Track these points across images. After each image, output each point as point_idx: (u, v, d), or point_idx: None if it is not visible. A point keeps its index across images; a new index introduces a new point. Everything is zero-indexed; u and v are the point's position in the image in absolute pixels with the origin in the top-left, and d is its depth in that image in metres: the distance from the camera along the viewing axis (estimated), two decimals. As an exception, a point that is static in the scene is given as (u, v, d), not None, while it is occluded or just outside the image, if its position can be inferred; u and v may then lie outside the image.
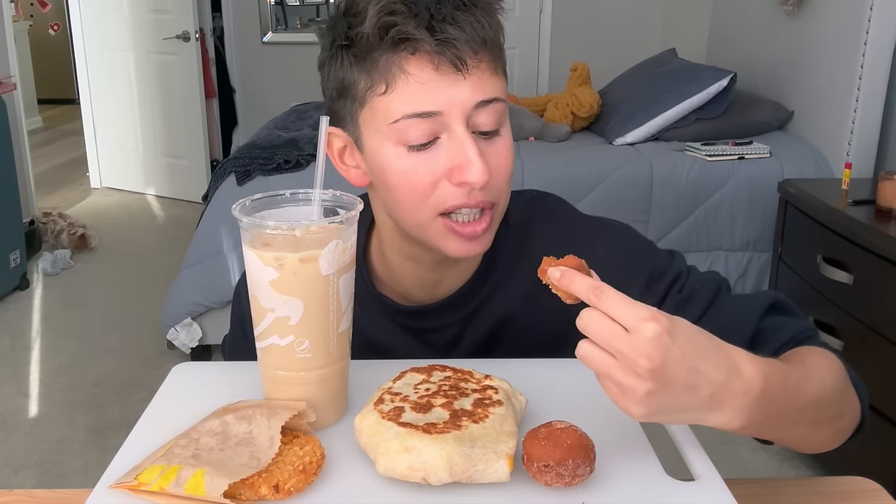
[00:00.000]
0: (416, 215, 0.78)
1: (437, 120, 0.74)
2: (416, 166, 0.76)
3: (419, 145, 0.75)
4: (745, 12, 3.52)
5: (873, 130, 2.62)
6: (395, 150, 0.76)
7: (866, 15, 2.52)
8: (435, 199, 0.76)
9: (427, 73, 0.73)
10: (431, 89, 0.73)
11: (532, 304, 0.87)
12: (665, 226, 2.79)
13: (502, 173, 0.78)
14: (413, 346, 0.89)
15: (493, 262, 0.88)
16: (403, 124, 0.74)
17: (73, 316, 3.35)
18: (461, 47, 0.73)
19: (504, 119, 0.78)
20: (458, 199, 0.76)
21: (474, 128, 0.76)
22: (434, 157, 0.75)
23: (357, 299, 0.79)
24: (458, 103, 0.74)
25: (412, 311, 0.89)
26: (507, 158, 0.78)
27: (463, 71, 0.73)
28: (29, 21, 7.48)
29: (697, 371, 0.57)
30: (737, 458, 2.27)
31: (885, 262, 1.88)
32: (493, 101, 0.76)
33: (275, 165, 2.75)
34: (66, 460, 2.33)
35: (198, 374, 0.81)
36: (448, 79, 0.73)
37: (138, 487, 0.59)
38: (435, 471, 0.57)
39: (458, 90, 0.74)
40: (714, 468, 0.63)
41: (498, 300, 0.88)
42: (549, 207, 0.93)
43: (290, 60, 5.21)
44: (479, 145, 0.76)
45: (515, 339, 0.88)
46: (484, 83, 0.75)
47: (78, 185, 5.47)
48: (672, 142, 2.98)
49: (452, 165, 0.75)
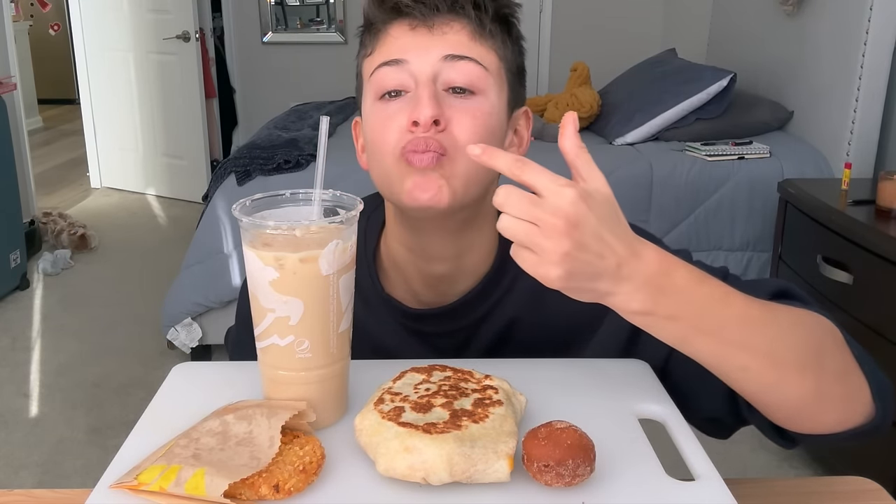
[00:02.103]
0: (384, 163, 0.79)
1: (404, 68, 0.78)
2: (385, 114, 0.79)
3: (388, 93, 0.79)
4: (745, 12, 3.52)
5: (873, 130, 2.62)
6: (374, 105, 0.81)
7: (866, 15, 2.52)
8: (396, 142, 0.78)
9: (401, 30, 0.80)
10: (403, 43, 0.79)
11: (538, 302, 0.87)
12: (665, 226, 2.79)
13: (466, 127, 0.77)
14: (420, 351, 0.88)
15: (504, 264, 0.87)
16: (377, 74, 0.80)
17: (73, 316, 3.35)
18: (429, 3, 0.78)
19: (482, 86, 0.79)
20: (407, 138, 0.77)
21: (445, 84, 0.78)
22: (400, 105, 0.78)
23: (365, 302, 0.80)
24: (424, 54, 0.78)
25: (420, 315, 0.88)
26: (475, 116, 0.78)
27: (430, 27, 0.79)
28: (29, 21, 7.49)
29: (606, 241, 0.60)
30: (737, 458, 2.27)
31: (884, 262, 1.88)
32: (464, 59, 0.78)
33: (275, 165, 2.75)
34: (66, 460, 2.33)
35: (198, 374, 0.81)
36: (419, 34, 0.79)
37: (138, 487, 0.59)
38: (435, 471, 0.57)
39: (426, 43, 0.79)
40: (714, 468, 0.63)
41: (507, 304, 0.87)
42: None
43: (290, 60, 5.21)
44: (447, 99, 0.78)
45: (522, 340, 0.88)
46: (458, 43, 0.79)
47: (78, 185, 5.47)
48: (672, 142, 2.99)
49: (411, 109, 0.77)
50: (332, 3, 5.17)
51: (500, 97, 0.81)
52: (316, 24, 5.24)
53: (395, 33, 0.80)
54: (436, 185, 0.77)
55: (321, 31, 5.23)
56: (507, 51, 0.82)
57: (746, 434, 0.85)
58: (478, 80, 0.79)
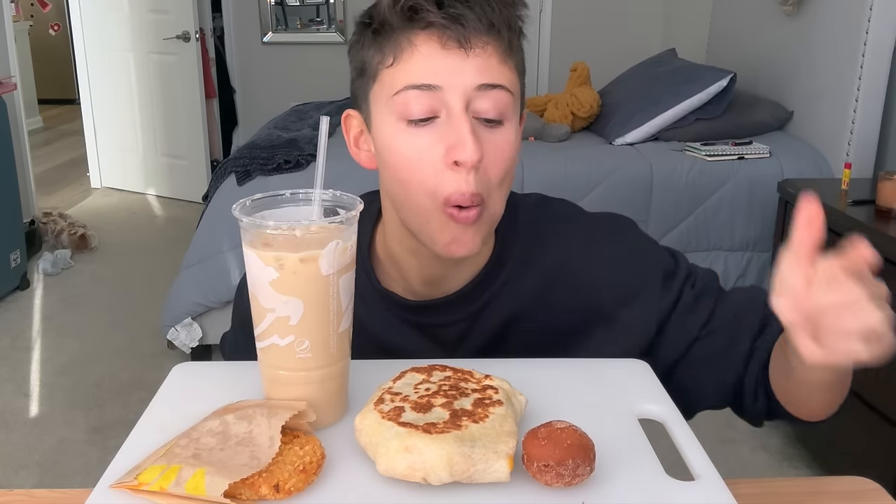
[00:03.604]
0: (418, 202, 0.77)
1: (436, 96, 0.74)
2: (413, 142, 0.76)
3: (418, 120, 0.75)
4: (745, 12, 3.52)
5: (873, 130, 2.62)
6: (396, 125, 0.77)
7: (866, 15, 2.52)
8: (434, 184, 0.76)
9: (431, 47, 0.74)
10: (434, 63, 0.74)
11: (542, 304, 0.87)
12: (665, 226, 2.79)
13: (497, 164, 0.76)
14: (419, 343, 0.88)
15: (501, 259, 0.87)
16: (404, 96, 0.75)
17: (74, 316, 3.35)
18: (467, 25, 0.73)
19: (509, 113, 0.77)
20: (455, 184, 0.75)
21: (475, 113, 0.75)
22: (432, 135, 0.75)
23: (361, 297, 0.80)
24: (459, 81, 0.74)
25: (418, 307, 0.88)
26: (504, 151, 0.77)
27: (466, 49, 0.74)
28: (29, 21, 7.49)
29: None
30: (737, 458, 2.27)
31: (885, 262, 1.88)
32: (496, 88, 0.75)
33: (275, 165, 2.75)
34: (66, 460, 2.33)
35: (198, 374, 0.81)
36: (452, 55, 0.74)
37: (138, 487, 0.59)
38: (435, 471, 0.57)
39: (460, 68, 0.74)
40: (714, 468, 0.63)
41: (506, 298, 0.87)
42: (558, 208, 0.93)
43: (290, 60, 5.22)
44: (478, 131, 0.75)
45: (524, 338, 0.88)
46: (490, 68, 0.75)
47: (78, 185, 5.47)
48: (672, 142, 2.99)
49: (448, 145, 0.74)
50: (332, 3, 5.17)
51: (517, 115, 0.80)
52: (316, 24, 5.24)
53: (424, 49, 0.74)
54: (473, 239, 0.78)
55: (321, 31, 5.23)
56: (521, 59, 0.80)
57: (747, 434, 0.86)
58: (506, 109, 0.77)
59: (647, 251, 0.90)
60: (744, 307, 0.87)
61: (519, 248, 0.88)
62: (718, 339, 0.86)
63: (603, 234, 0.90)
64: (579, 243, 0.89)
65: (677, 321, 0.87)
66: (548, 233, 0.89)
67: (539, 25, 4.84)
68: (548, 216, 0.91)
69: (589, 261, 0.88)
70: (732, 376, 0.86)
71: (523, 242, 0.88)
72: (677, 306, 0.87)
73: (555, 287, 0.88)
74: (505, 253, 0.88)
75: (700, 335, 0.87)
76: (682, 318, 0.87)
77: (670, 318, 0.87)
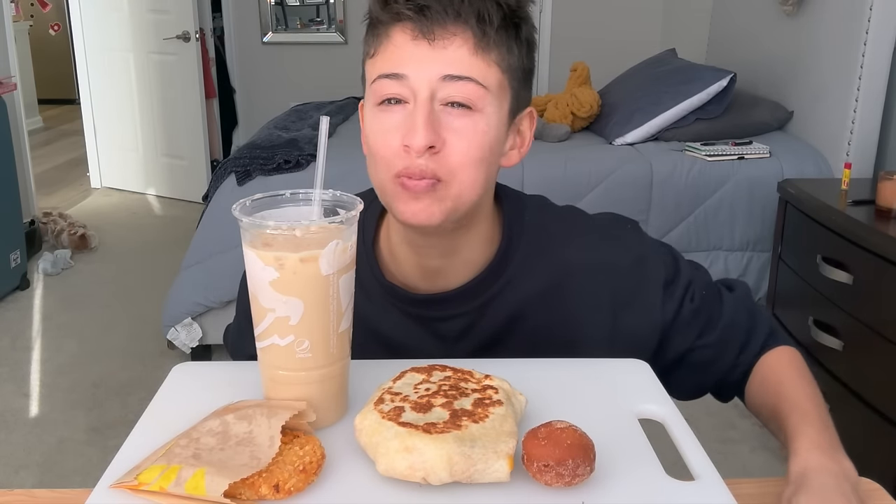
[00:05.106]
0: (379, 175, 0.81)
1: (405, 84, 0.77)
2: (381, 124, 0.79)
3: (386, 101, 0.79)
4: (745, 12, 3.52)
5: (873, 130, 2.62)
6: (372, 110, 0.81)
7: (866, 15, 2.52)
8: (390, 160, 0.79)
9: (403, 39, 0.78)
10: (403, 54, 0.78)
11: (546, 304, 0.88)
12: (665, 226, 2.79)
13: (460, 149, 0.77)
14: (420, 337, 0.89)
15: (507, 256, 0.88)
16: (378, 84, 0.79)
17: (73, 316, 3.35)
18: (430, 16, 0.76)
19: (480, 103, 0.78)
20: (405, 162, 0.77)
21: (444, 99, 0.77)
22: (396, 119, 0.78)
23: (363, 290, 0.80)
24: (423, 71, 0.77)
25: (421, 300, 0.89)
26: (469, 137, 0.78)
27: (430, 39, 0.76)
28: (29, 21, 7.48)
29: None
30: (737, 458, 2.27)
31: (884, 262, 1.88)
32: (462, 80, 0.77)
33: (275, 165, 2.75)
34: (66, 460, 2.33)
35: (198, 374, 0.81)
36: (419, 46, 0.77)
37: (138, 487, 0.59)
38: (435, 471, 0.58)
39: (425, 58, 0.77)
40: (714, 468, 0.63)
41: (510, 296, 0.88)
42: (563, 210, 0.95)
43: (290, 60, 5.22)
44: (444, 117, 0.77)
45: (526, 337, 0.88)
46: (458, 59, 0.77)
47: (78, 185, 5.47)
48: (672, 142, 2.98)
49: (405, 130, 0.77)
50: (332, 3, 5.17)
51: (500, 110, 0.81)
52: (316, 24, 5.24)
53: (396, 40, 0.78)
54: (429, 208, 0.79)
55: (321, 31, 5.23)
56: (514, 57, 0.81)
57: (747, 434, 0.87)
58: (477, 100, 0.78)
59: (649, 256, 0.91)
60: (733, 319, 0.93)
61: (524, 248, 0.89)
62: (708, 352, 0.92)
63: (607, 238, 0.92)
64: (583, 246, 0.90)
65: (675, 332, 0.90)
66: (553, 234, 0.90)
67: (539, 25, 4.84)
68: (553, 218, 0.92)
69: (592, 263, 0.89)
70: (713, 382, 0.94)
71: (528, 242, 0.89)
72: (677, 319, 0.90)
73: (558, 288, 0.88)
74: (510, 251, 0.88)
75: (693, 346, 0.91)
76: (679, 330, 0.91)
77: (669, 330, 0.90)
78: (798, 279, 2.31)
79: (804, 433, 0.78)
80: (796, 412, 0.82)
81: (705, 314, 0.91)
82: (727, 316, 0.92)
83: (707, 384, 0.95)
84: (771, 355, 0.92)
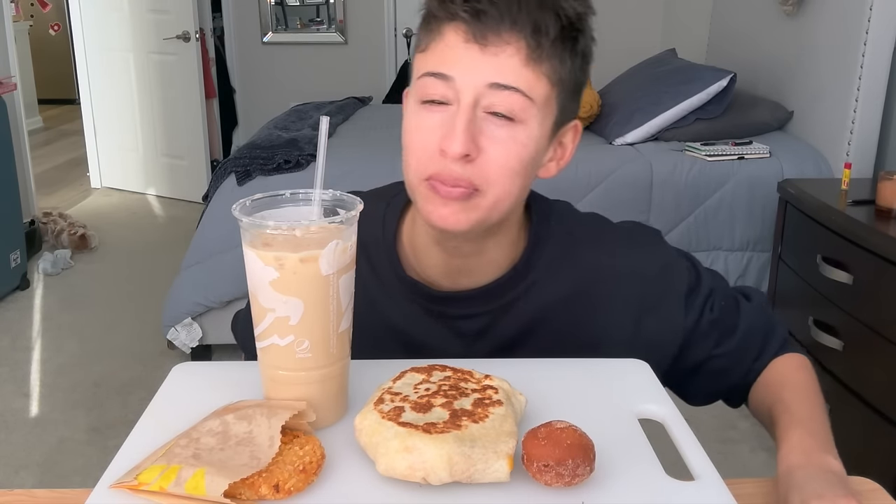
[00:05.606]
0: (410, 174, 0.80)
1: (451, 86, 0.76)
2: (420, 122, 0.78)
3: (429, 101, 0.77)
4: (745, 12, 3.52)
5: (873, 130, 2.62)
6: (414, 106, 0.79)
7: (866, 15, 2.52)
8: (423, 162, 0.78)
9: (455, 39, 0.76)
10: (453, 55, 0.76)
11: (570, 308, 0.88)
12: (665, 226, 2.79)
13: (497, 159, 0.76)
14: (441, 334, 0.88)
15: (532, 260, 0.88)
16: (423, 82, 0.78)
17: (73, 316, 3.35)
18: (486, 21, 0.74)
19: (523, 115, 0.76)
20: (438, 167, 0.76)
21: (488, 108, 0.76)
22: (437, 120, 0.77)
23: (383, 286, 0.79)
24: (470, 76, 0.75)
25: (443, 297, 0.88)
26: (509, 148, 0.76)
27: (482, 45, 0.74)
28: (29, 21, 7.48)
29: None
30: (737, 458, 2.27)
31: (884, 262, 1.88)
32: (508, 89, 0.75)
33: (275, 165, 2.75)
34: (66, 460, 2.33)
35: (198, 374, 0.81)
36: (470, 50, 0.75)
37: (138, 487, 0.59)
38: (435, 471, 0.58)
39: (474, 63, 0.75)
40: (714, 468, 0.63)
41: (534, 298, 0.88)
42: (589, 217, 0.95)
43: (290, 60, 5.22)
44: (485, 126, 0.76)
45: (547, 340, 0.88)
46: (508, 69, 0.75)
47: (78, 185, 5.47)
48: (672, 142, 2.98)
49: (444, 133, 0.76)
50: (332, 3, 5.17)
51: (544, 123, 0.79)
52: (316, 24, 5.24)
53: (448, 39, 0.77)
54: (457, 215, 0.78)
55: (321, 31, 5.23)
56: (565, 70, 0.78)
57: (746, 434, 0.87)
58: (520, 112, 0.76)
59: (674, 265, 0.93)
60: (750, 328, 0.94)
61: (550, 251, 0.89)
62: (724, 360, 0.93)
63: (635, 245, 0.92)
64: (612, 252, 0.91)
65: (694, 341, 0.91)
66: (580, 239, 0.90)
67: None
68: (579, 223, 0.93)
69: (621, 270, 0.90)
70: (726, 389, 0.96)
71: (555, 245, 0.89)
72: (696, 328, 0.91)
73: (583, 293, 0.89)
74: (536, 254, 0.88)
75: (711, 355, 0.92)
76: (698, 339, 0.91)
77: (689, 339, 0.91)
78: (798, 279, 2.31)
79: (791, 435, 0.79)
80: (787, 414, 0.83)
81: (724, 324, 0.92)
82: (744, 325, 0.93)
83: (721, 391, 0.97)
84: (779, 361, 0.93)
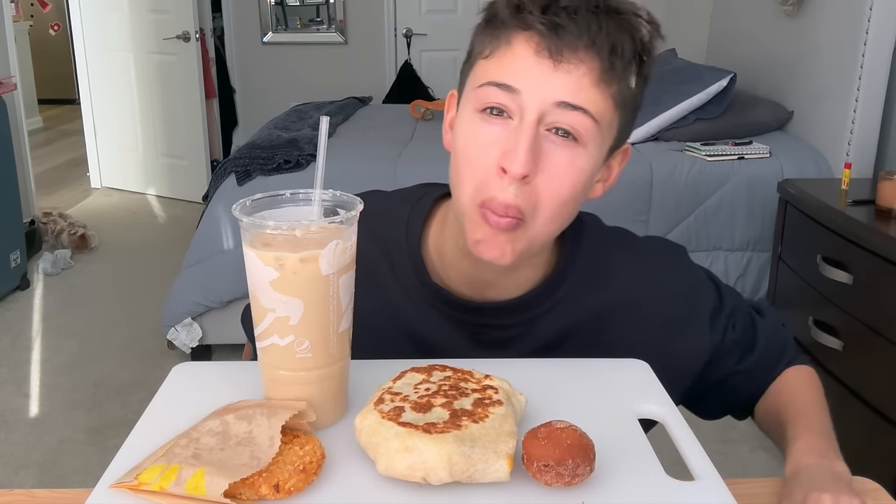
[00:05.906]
0: (464, 195, 0.76)
1: (515, 99, 0.73)
2: (477, 134, 0.75)
3: (489, 110, 0.74)
4: (745, 12, 3.52)
5: (873, 130, 2.62)
6: (472, 115, 0.76)
7: (866, 15, 2.52)
8: (479, 182, 0.75)
9: (525, 51, 0.73)
10: (522, 67, 0.73)
11: (598, 326, 0.87)
12: (665, 226, 2.79)
13: (552, 184, 0.74)
14: (464, 343, 0.87)
15: (564, 274, 0.87)
16: (485, 90, 0.74)
17: (73, 316, 3.35)
18: (564, 37, 0.71)
19: (586, 137, 0.74)
20: (495, 191, 0.73)
21: (551, 125, 0.73)
22: (496, 134, 0.74)
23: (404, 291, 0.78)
24: (539, 92, 0.72)
25: (471, 308, 0.86)
26: (566, 171, 0.74)
27: (556, 61, 0.72)
28: (29, 21, 7.48)
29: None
30: (737, 458, 2.27)
31: (884, 262, 1.88)
32: (577, 110, 0.72)
33: (275, 165, 2.75)
34: (66, 460, 2.33)
35: (198, 374, 0.81)
36: (542, 64, 0.72)
37: (138, 487, 0.59)
38: (435, 471, 0.57)
39: (545, 79, 0.72)
40: (714, 468, 0.63)
41: (562, 314, 0.87)
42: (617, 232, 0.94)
43: (290, 60, 5.22)
44: (545, 145, 0.73)
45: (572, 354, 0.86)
46: (578, 88, 0.72)
47: (78, 185, 5.47)
48: (672, 142, 2.98)
49: (504, 149, 0.73)
50: (332, 3, 5.17)
51: (602, 147, 0.77)
52: (316, 24, 5.24)
53: (517, 50, 0.73)
54: (502, 247, 0.76)
55: (321, 31, 5.23)
56: (630, 92, 0.76)
57: (746, 434, 0.88)
58: (584, 133, 0.73)
59: (700, 285, 0.93)
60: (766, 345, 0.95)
61: (582, 267, 0.87)
62: (742, 378, 0.94)
63: (662, 264, 0.92)
64: (640, 270, 0.90)
65: (716, 361, 0.92)
66: (610, 256, 0.90)
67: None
68: (609, 239, 0.92)
69: (648, 289, 0.89)
70: (738, 403, 0.97)
71: (586, 262, 0.88)
72: (720, 348, 0.91)
73: (612, 310, 0.88)
74: (568, 269, 0.87)
75: (732, 371, 0.93)
76: (720, 359, 0.92)
77: (711, 358, 0.91)
78: (798, 279, 2.31)
79: (804, 437, 0.80)
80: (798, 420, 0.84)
81: (744, 342, 0.93)
82: (762, 342, 0.94)
83: (734, 406, 0.98)
84: (788, 372, 0.95)
